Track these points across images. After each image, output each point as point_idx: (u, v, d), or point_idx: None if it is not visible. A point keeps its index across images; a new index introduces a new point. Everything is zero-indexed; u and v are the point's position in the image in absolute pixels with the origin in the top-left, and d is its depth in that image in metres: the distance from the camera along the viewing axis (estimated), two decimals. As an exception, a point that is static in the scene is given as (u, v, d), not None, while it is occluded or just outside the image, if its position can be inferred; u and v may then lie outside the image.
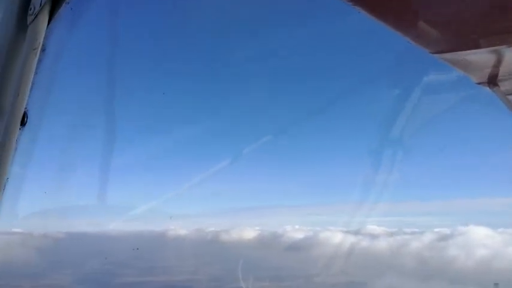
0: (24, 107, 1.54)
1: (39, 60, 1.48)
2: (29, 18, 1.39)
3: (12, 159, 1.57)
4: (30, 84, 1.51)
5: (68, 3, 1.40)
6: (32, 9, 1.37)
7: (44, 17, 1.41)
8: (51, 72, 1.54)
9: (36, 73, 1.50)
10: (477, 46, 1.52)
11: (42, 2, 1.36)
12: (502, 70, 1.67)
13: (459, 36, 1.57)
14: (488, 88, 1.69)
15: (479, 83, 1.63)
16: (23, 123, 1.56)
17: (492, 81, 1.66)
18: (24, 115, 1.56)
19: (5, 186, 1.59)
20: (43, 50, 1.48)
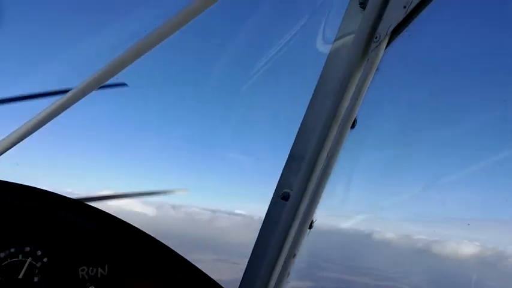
0: (355, 114, 1.94)
1: (374, 79, 1.85)
2: (373, 45, 1.75)
3: (340, 155, 2.00)
4: (363, 97, 1.89)
5: (407, 31, 1.69)
6: (378, 37, 1.72)
7: (384, 43, 1.75)
8: (382, 87, 1.88)
9: (369, 87, 1.87)
10: None
11: (388, 32, 1.69)
12: None
13: None
14: None
15: None
16: (352, 126, 1.97)
17: None
18: (354, 121, 1.96)
19: (327, 182, 2.04)
20: (377, 69, 1.83)
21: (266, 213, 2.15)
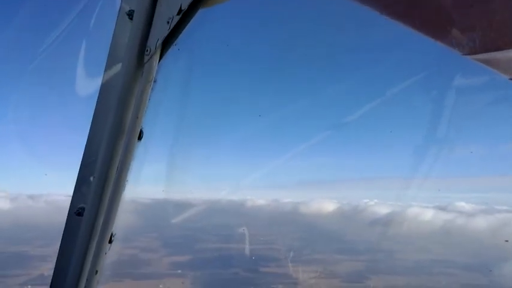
0: (141, 126, 1.93)
1: (152, 89, 1.85)
2: (146, 58, 1.73)
3: (131, 167, 1.99)
4: (146, 107, 1.88)
5: (176, 44, 1.72)
6: (148, 50, 1.71)
7: (157, 56, 1.75)
8: (161, 99, 1.89)
9: (149, 99, 1.87)
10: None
11: (157, 45, 1.69)
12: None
13: (492, 36, 1.62)
14: None
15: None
16: (139, 138, 1.95)
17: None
18: (141, 132, 1.95)
19: (124, 188, 2.02)
20: (155, 81, 1.84)
21: (64, 230, 2.04)
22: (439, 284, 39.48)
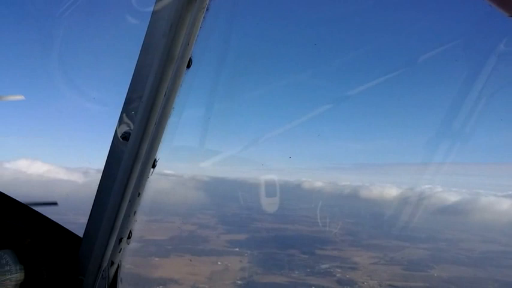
0: (190, 54, 1.94)
1: (204, 18, 1.85)
2: None
3: (178, 94, 2.00)
4: (197, 35, 1.89)
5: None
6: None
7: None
8: (213, 27, 1.88)
9: (200, 27, 1.87)
10: None
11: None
12: None
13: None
14: None
15: None
16: (188, 66, 1.96)
17: None
18: (190, 60, 1.96)
19: (170, 115, 2.03)
20: (207, 9, 1.83)
21: (108, 154, 2.08)
22: (509, 277, 36.88)
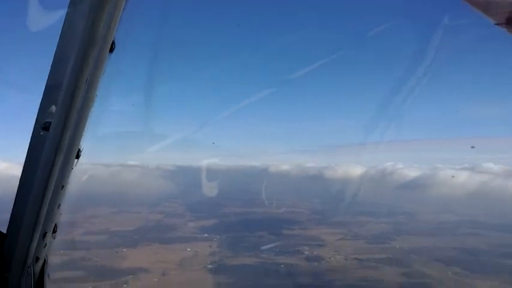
0: (113, 37, 1.86)
1: (127, 1, 1.77)
2: None
3: (101, 80, 1.93)
4: (119, 17, 1.81)
5: None
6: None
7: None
8: (137, 9, 1.81)
9: (124, 8, 1.79)
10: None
11: None
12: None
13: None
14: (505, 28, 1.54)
15: (497, 24, 1.49)
16: (111, 50, 1.89)
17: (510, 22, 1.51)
18: (113, 44, 1.88)
19: (93, 102, 1.96)
20: None
21: (29, 146, 1.97)
22: (465, 244, 39.19)
